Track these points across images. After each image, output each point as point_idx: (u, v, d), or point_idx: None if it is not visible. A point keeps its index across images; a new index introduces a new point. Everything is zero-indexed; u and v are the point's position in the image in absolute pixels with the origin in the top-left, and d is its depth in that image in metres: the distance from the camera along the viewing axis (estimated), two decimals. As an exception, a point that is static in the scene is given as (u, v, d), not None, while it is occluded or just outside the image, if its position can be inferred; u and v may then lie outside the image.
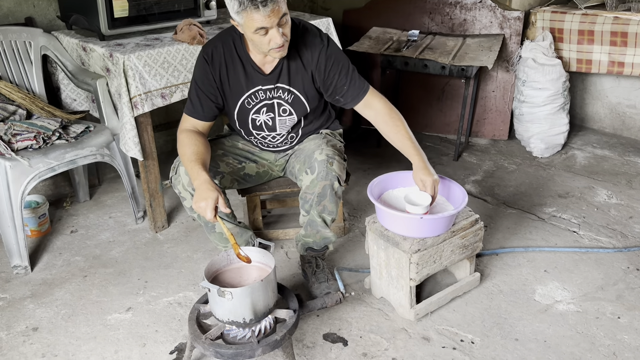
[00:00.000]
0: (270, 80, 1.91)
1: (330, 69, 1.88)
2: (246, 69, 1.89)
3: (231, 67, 1.88)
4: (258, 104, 1.95)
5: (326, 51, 1.87)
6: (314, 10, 3.97)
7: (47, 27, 2.65)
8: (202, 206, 1.65)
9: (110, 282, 2.23)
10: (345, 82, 1.89)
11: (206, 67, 1.87)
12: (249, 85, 1.91)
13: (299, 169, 1.99)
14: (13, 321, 2.01)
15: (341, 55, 1.91)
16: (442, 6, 3.42)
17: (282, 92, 1.93)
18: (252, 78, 1.90)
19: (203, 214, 1.66)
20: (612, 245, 2.40)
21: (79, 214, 2.74)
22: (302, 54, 1.87)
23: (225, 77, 1.89)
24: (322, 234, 2.00)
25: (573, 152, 3.34)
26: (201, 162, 1.75)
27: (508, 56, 3.33)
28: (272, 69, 1.89)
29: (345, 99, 1.92)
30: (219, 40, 1.89)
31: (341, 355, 1.84)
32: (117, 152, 2.44)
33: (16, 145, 2.18)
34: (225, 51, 1.87)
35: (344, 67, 1.89)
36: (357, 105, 1.93)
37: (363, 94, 1.91)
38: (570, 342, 1.87)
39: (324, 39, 1.89)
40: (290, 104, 1.96)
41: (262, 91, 1.93)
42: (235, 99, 1.94)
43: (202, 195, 1.66)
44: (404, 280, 1.92)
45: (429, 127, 3.65)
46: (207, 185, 1.68)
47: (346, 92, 1.90)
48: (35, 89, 2.55)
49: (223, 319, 1.63)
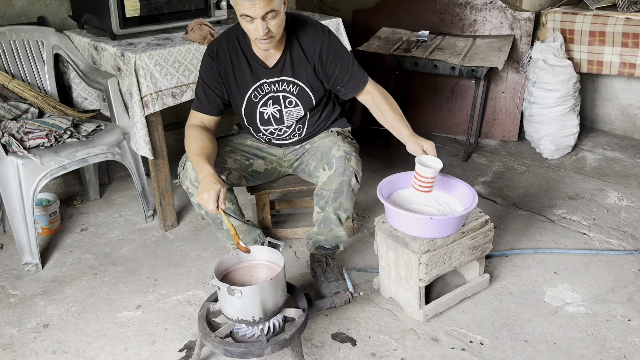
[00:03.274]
0: (273, 74, 1.95)
1: (331, 60, 1.93)
2: (250, 63, 1.93)
3: (236, 63, 1.93)
4: (264, 96, 1.99)
5: (327, 44, 1.93)
6: (323, 11, 3.98)
7: (59, 27, 2.67)
8: (205, 197, 1.67)
9: (120, 280, 2.24)
10: (346, 73, 1.96)
11: (212, 64, 1.92)
12: (254, 79, 1.95)
13: (316, 166, 2.01)
14: (24, 318, 2.03)
15: (341, 48, 1.97)
16: (452, 7, 3.41)
17: (286, 84, 1.97)
18: (257, 72, 1.95)
19: (205, 205, 1.68)
20: (622, 248, 2.38)
21: (89, 212, 2.76)
22: (304, 46, 1.92)
23: (230, 73, 1.94)
24: (335, 232, 2.01)
25: (583, 154, 3.32)
26: (206, 156, 1.78)
27: (518, 57, 3.32)
28: (275, 63, 1.93)
29: (346, 89, 1.99)
30: (223, 38, 1.95)
31: (350, 355, 1.84)
32: (127, 150, 2.46)
33: (28, 143, 2.20)
34: (230, 48, 1.92)
35: (344, 59, 1.95)
36: (359, 94, 2.00)
37: (363, 85, 1.98)
38: (580, 345, 1.86)
39: (325, 31, 1.95)
40: (296, 96, 1.99)
41: (267, 84, 1.97)
42: (242, 93, 1.98)
43: (204, 187, 1.68)
44: (413, 281, 1.91)
45: (438, 128, 3.64)
46: (210, 178, 1.70)
47: (347, 82, 1.97)
48: (47, 87, 2.57)
49: (232, 318, 1.64)
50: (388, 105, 1.96)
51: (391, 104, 1.97)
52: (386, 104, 1.97)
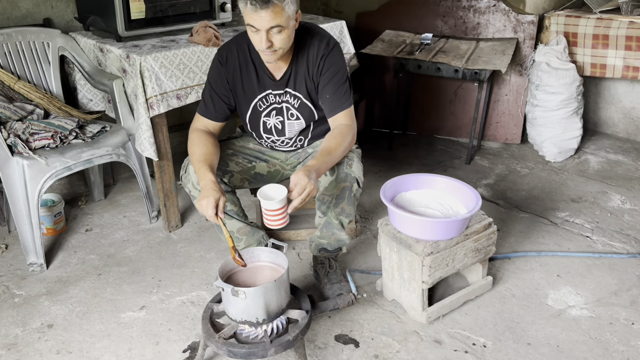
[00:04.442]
0: (279, 86, 1.94)
1: (325, 73, 1.89)
2: (258, 73, 1.93)
3: (244, 71, 1.92)
4: (269, 107, 1.99)
5: (328, 57, 1.88)
6: (327, 13, 3.98)
7: (65, 28, 2.69)
8: (204, 204, 1.66)
9: (124, 281, 2.25)
10: (331, 91, 1.88)
11: (220, 69, 1.92)
12: (260, 89, 1.95)
13: None
14: (28, 318, 2.04)
15: (341, 65, 1.90)
16: (456, 10, 3.42)
17: (289, 97, 1.96)
18: (264, 82, 1.94)
19: (204, 212, 1.67)
20: (625, 251, 2.38)
21: (94, 213, 2.77)
22: (309, 60, 1.90)
23: (238, 81, 1.93)
24: (337, 236, 2.02)
25: (586, 157, 3.32)
26: (208, 163, 1.78)
27: (521, 60, 3.32)
28: (281, 75, 1.92)
29: (325, 108, 1.92)
30: (234, 44, 1.93)
31: (353, 356, 1.84)
32: (132, 152, 2.47)
33: (34, 144, 2.21)
34: (240, 55, 1.91)
35: (337, 77, 1.89)
36: (330, 118, 1.91)
37: (339, 110, 1.89)
38: (583, 348, 1.86)
39: (330, 44, 1.90)
40: (297, 109, 1.98)
41: (272, 95, 1.96)
42: (249, 101, 1.98)
43: (204, 194, 1.68)
44: (416, 283, 1.92)
45: (441, 130, 3.65)
46: (211, 185, 1.70)
47: (327, 100, 1.90)
48: (52, 89, 2.58)
49: (236, 319, 1.64)
50: (333, 138, 1.83)
51: (335, 137, 1.83)
52: (334, 136, 1.84)
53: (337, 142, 1.82)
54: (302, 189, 1.62)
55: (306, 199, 1.63)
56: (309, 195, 1.63)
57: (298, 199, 1.62)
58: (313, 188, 1.63)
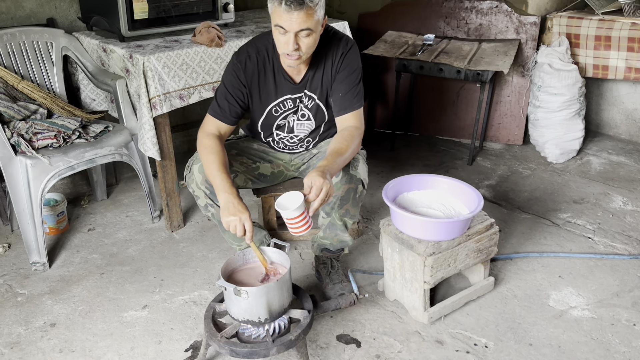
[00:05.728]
0: (299, 89, 1.92)
1: (341, 71, 1.88)
2: (276, 78, 1.90)
3: (262, 77, 1.89)
4: (285, 112, 1.97)
5: (346, 55, 1.88)
6: (329, 14, 3.97)
7: (68, 28, 2.70)
8: (232, 220, 1.63)
9: (127, 280, 2.26)
10: (344, 90, 1.88)
11: (239, 73, 1.87)
12: (277, 95, 1.93)
13: None
14: (31, 317, 2.05)
15: (356, 65, 1.90)
16: (458, 11, 3.42)
17: (306, 99, 1.95)
18: (281, 88, 1.91)
19: (233, 230, 1.65)
20: (627, 252, 2.38)
21: (97, 213, 2.78)
22: (327, 60, 1.88)
23: (255, 86, 1.90)
24: (341, 237, 2.02)
25: (588, 158, 3.32)
26: (228, 173, 1.74)
27: (524, 61, 3.32)
28: (301, 78, 1.90)
29: (335, 106, 1.92)
30: (253, 49, 1.87)
31: (354, 356, 1.85)
32: (135, 151, 2.48)
33: (37, 143, 2.22)
34: (259, 61, 1.87)
35: (352, 76, 1.88)
36: (339, 117, 1.91)
37: (349, 109, 1.88)
38: (585, 349, 1.86)
39: (349, 43, 1.89)
40: (310, 109, 1.98)
41: (290, 100, 1.94)
42: (263, 107, 1.96)
43: (230, 211, 1.64)
44: (418, 283, 1.92)
45: (443, 131, 3.65)
46: (237, 201, 1.66)
47: (339, 98, 1.89)
48: (55, 88, 2.59)
49: (238, 318, 1.65)
50: (343, 140, 1.82)
51: (347, 141, 1.82)
52: (344, 138, 1.83)
53: (347, 144, 1.81)
54: (318, 190, 1.60)
55: (325, 198, 1.62)
56: (327, 195, 1.62)
57: (317, 200, 1.61)
58: (330, 187, 1.62)
